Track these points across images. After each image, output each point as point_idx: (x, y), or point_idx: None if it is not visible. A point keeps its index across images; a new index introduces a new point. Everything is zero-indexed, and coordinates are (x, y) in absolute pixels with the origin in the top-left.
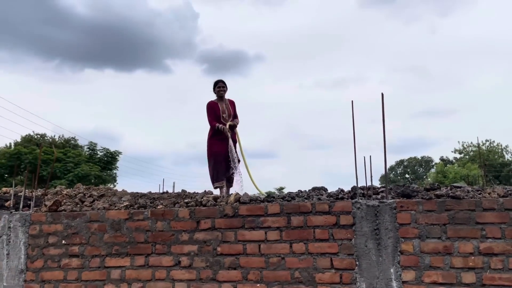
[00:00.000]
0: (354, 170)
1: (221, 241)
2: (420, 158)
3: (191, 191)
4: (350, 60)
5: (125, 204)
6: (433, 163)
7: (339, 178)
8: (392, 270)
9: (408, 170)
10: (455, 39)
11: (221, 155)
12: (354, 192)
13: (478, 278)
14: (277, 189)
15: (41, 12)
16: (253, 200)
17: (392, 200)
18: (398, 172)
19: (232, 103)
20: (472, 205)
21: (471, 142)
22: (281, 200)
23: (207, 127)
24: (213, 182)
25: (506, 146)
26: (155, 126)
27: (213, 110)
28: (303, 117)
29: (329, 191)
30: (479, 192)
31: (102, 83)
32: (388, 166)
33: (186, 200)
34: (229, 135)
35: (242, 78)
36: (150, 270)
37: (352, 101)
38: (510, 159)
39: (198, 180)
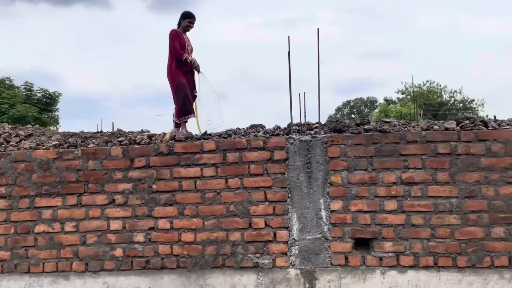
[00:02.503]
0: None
1: (157, 179)
2: (365, 99)
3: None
4: (299, 0)
5: (53, 144)
6: (378, 103)
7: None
8: (321, 201)
9: (354, 110)
10: None
11: (186, 88)
12: (290, 129)
13: (399, 205)
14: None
15: None
16: (188, 138)
17: (324, 135)
18: (345, 112)
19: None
20: (397, 138)
21: (413, 83)
22: (218, 137)
23: (156, 66)
24: (182, 115)
25: (445, 86)
26: (98, 66)
27: (178, 38)
28: (253, 58)
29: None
30: (405, 126)
31: (36, 19)
32: (335, 107)
33: (119, 139)
34: (199, 70)
35: None
36: (84, 209)
37: (288, 36)
38: (448, 98)
39: (148, 121)
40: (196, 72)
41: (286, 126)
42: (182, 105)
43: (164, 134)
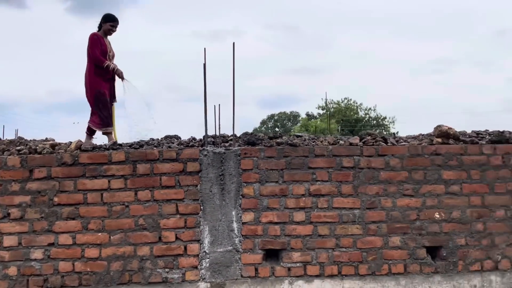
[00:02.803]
0: (229, 123)
1: (59, 191)
2: (289, 113)
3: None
4: (227, 12)
5: None
6: (300, 118)
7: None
8: (233, 213)
9: (278, 124)
10: (327, 2)
11: (106, 97)
12: (205, 141)
13: (307, 216)
14: None
15: None
16: (96, 147)
17: (237, 148)
18: (269, 125)
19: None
20: (306, 151)
21: (332, 100)
22: (128, 147)
23: (74, 71)
24: (105, 126)
25: (361, 104)
26: (8, 68)
27: (99, 44)
28: (180, 68)
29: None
30: (314, 140)
31: None
32: (260, 120)
33: (18, 148)
34: (123, 77)
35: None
36: None
37: (204, 48)
38: (363, 115)
39: (63, 130)
40: (119, 80)
41: (202, 138)
42: (104, 116)
43: (70, 143)
